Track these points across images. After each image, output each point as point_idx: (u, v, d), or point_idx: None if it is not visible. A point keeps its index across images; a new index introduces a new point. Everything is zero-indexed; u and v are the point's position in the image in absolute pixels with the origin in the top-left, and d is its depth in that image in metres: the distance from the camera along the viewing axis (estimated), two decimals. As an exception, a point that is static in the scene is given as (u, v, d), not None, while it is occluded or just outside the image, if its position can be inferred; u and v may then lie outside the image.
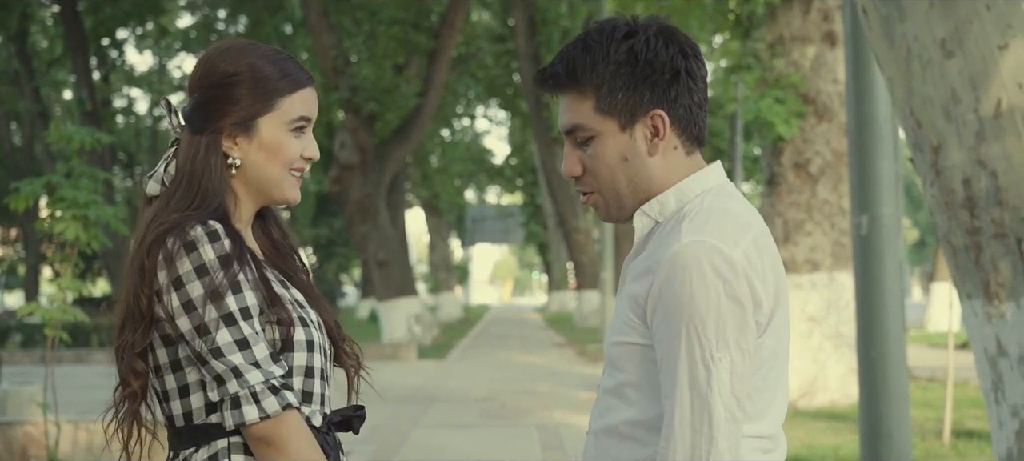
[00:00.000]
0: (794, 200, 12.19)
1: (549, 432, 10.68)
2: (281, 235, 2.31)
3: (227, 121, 2.15)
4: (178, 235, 2.04)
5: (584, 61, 2.03)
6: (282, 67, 2.18)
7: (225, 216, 2.12)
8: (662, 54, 2.02)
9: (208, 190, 2.11)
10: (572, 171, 2.09)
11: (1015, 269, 4.30)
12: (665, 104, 2.03)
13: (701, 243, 1.92)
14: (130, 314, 2.08)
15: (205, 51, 2.22)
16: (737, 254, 1.92)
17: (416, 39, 22.52)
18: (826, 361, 12.06)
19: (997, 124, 4.26)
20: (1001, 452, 4.52)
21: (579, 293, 32.09)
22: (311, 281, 2.31)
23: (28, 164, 31.12)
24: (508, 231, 58.87)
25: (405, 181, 33.00)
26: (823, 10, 12.30)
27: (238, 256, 2.05)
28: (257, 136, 2.16)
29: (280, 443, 2.02)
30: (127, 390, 2.13)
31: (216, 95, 2.15)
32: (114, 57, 33.16)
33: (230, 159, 2.16)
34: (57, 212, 7.46)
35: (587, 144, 2.06)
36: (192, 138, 2.15)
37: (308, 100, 2.19)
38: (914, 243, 58.33)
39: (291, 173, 2.19)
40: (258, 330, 2.04)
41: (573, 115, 2.06)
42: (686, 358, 1.91)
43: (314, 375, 2.14)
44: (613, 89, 2.02)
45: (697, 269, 1.90)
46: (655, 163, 2.05)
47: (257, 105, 2.15)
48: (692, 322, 1.90)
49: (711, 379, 1.89)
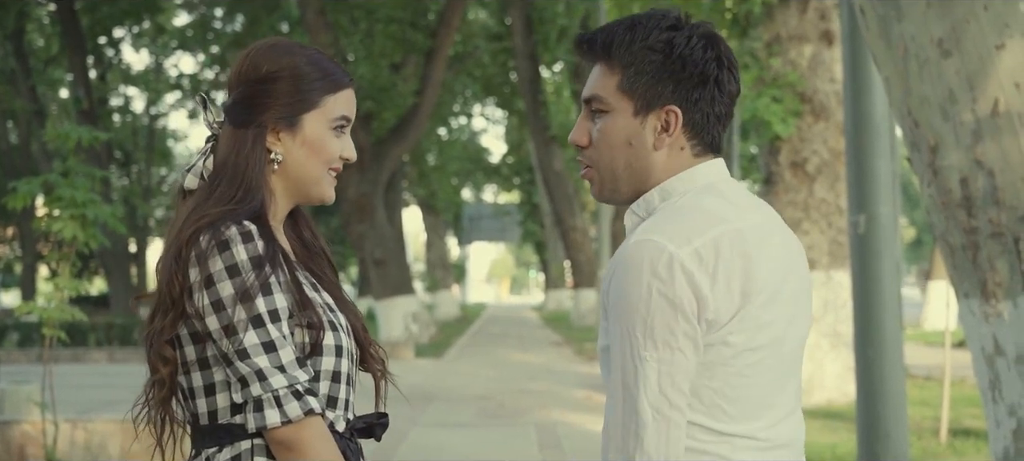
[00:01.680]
0: (791, 199, 12.20)
1: (546, 431, 10.68)
2: (312, 236, 2.31)
3: (271, 115, 2.15)
4: (213, 233, 2.04)
5: (623, 37, 2.04)
6: (324, 67, 2.19)
7: (263, 213, 2.12)
8: (698, 55, 2.02)
9: (252, 184, 2.12)
10: (578, 139, 2.10)
11: (1012, 268, 4.31)
12: (684, 103, 2.03)
13: (645, 242, 1.93)
14: (161, 301, 2.08)
15: (248, 47, 2.22)
16: (684, 252, 1.91)
17: (413, 38, 22.52)
18: (823, 359, 12.08)
19: (994, 124, 4.27)
20: (998, 451, 4.53)
21: (576, 292, 32.09)
22: (339, 283, 2.31)
23: (25, 163, 31.07)
24: (505, 230, 58.90)
25: (402, 180, 33.00)
26: (820, 9, 12.30)
27: (271, 258, 2.06)
28: (301, 132, 2.16)
29: (301, 448, 2.02)
30: (155, 376, 2.13)
31: (260, 89, 2.16)
32: (111, 56, 33.17)
33: (272, 154, 2.16)
34: (54, 211, 7.45)
35: (599, 118, 2.07)
36: (235, 132, 2.15)
37: (349, 100, 2.22)
38: (911, 242, 58.36)
39: (329, 171, 2.20)
40: (286, 334, 2.04)
41: (597, 86, 2.07)
42: (619, 356, 1.93)
43: (341, 380, 2.14)
44: (640, 72, 2.03)
45: (634, 268, 1.92)
46: (657, 157, 2.05)
47: (302, 101, 2.16)
48: (625, 320, 1.92)
49: (638, 377, 1.91)
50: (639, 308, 1.91)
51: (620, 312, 1.93)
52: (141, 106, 37.83)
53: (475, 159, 46.32)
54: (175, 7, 33.29)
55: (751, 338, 1.97)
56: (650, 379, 1.91)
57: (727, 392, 1.97)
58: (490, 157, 47.95)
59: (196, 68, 35.16)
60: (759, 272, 1.98)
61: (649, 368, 1.91)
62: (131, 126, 36.34)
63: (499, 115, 44.76)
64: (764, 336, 1.99)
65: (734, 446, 1.98)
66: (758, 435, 2.00)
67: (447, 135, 41.04)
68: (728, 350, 1.96)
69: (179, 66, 39.30)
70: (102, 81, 32.38)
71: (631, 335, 1.92)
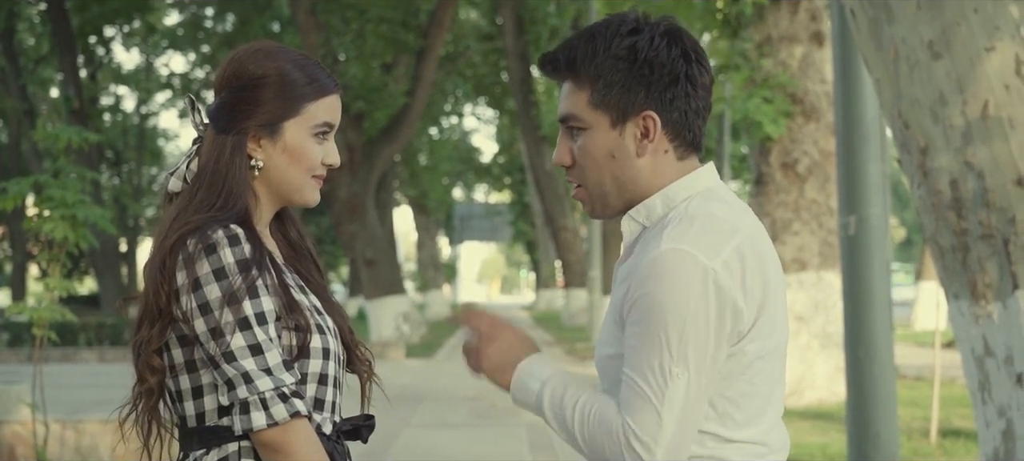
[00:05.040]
0: (782, 200, 12.22)
1: (538, 432, 10.68)
2: (298, 237, 2.31)
3: (252, 122, 2.14)
4: (199, 237, 2.04)
5: (585, 51, 2.02)
6: (310, 72, 2.18)
7: (247, 218, 2.12)
8: (663, 55, 2.00)
9: (231, 190, 2.11)
10: (561, 160, 2.08)
11: (1002, 270, 4.33)
12: (659, 106, 2.01)
13: (678, 251, 1.91)
14: (148, 311, 2.08)
15: (234, 51, 2.22)
16: (717, 264, 1.91)
17: (404, 38, 22.50)
18: (814, 360, 12.10)
19: (984, 126, 4.28)
20: (988, 452, 4.54)
21: (567, 292, 32.09)
22: (326, 284, 2.32)
23: (15, 163, 31.00)
24: (496, 229, 58.87)
25: (393, 179, 32.97)
26: (811, 10, 12.32)
27: (257, 261, 2.06)
28: (281, 139, 2.16)
29: (287, 450, 2.03)
30: (143, 386, 2.13)
31: (243, 96, 2.15)
32: (101, 55, 33.10)
33: (253, 160, 2.16)
34: (45, 211, 7.43)
35: (578, 135, 2.05)
36: (217, 137, 2.15)
37: (333, 107, 2.20)
38: (901, 242, 58.47)
39: (312, 178, 2.19)
40: (273, 336, 2.04)
41: (568, 104, 2.05)
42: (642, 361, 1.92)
43: (327, 382, 2.15)
44: (609, 84, 2.00)
45: (670, 277, 1.90)
46: (642, 164, 2.03)
47: (283, 108, 2.15)
48: (658, 328, 1.90)
49: (665, 392, 1.90)
50: (676, 322, 1.89)
51: (650, 319, 1.91)
52: (132, 105, 37.77)
53: (466, 159, 46.29)
54: (166, 6, 33.22)
55: (763, 345, 1.98)
56: (677, 396, 1.90)
57: (738, 400, 1.97)
58: (481, 157, 47.93)
59: (187, 67, 35.14)
60: (770, 279, 1.99)
61: (678, 385, 1.90)
62: (122, 125, 36.28)
63: (490, 115, 44.78)
64: (772, 342, 2.00)
65: (739, 451, 1.98)
66: (759, 440, 2.01)
67: (438, 135, 41.00)
68: (745, 359, 1.97)
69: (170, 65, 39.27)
70: (92, 80, 32.30)
71: (664, 346, 1.90)
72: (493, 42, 30.09)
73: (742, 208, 2.04)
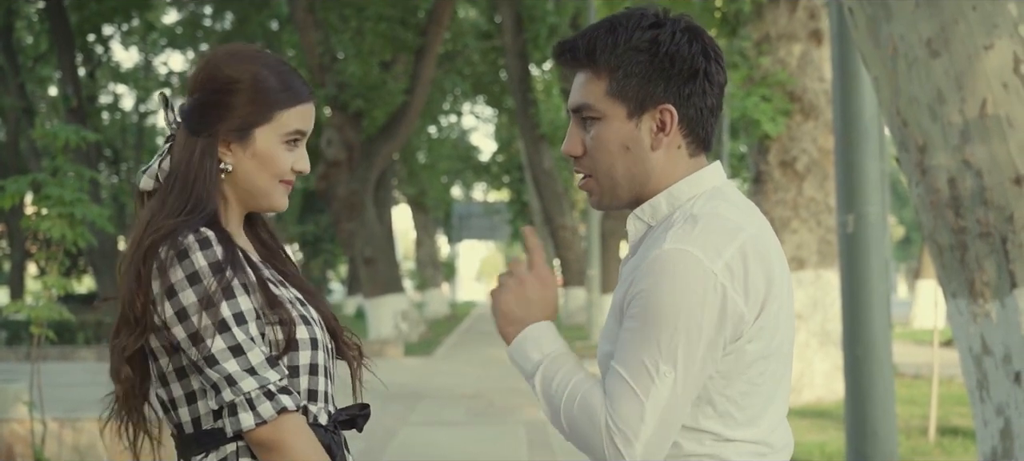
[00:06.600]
0: (780, 198, 12.22)
1: (536, 430, 10.68)
2: (269, 236, 2.31)
3: (224, 126, 2.14)
4: (171, 244, 2.03)
5: (606, 41, 2.01)
6: (285, 79, 2.17)
7: (216, 220, 2.11)
8: (684, 50, 1.99)
9: (202, 194, 2.11)
10: (572, 149, 2.07)
11: (999, 268, 4.32)
12: (677, 100, 2.00)
13: (680, 251, 1.91)
14: (124, 318, 2.08)
15: (210, 51, 2.21)
16: (718, 266, 1.91)
17: (403, 36, 22.49)
18: (812, 358, 12.10)
19: (982, 124, 4.28)
20: (986, 450, 4.54)
21: (565, 290, 32.07)
22: (302, 276, 2.31)
23: (13, 161, 30.96)
24: (495, 228, 58.79)
25: (392, 178, 32.96)
26: (809, 8, 12.32)
27: (231, 262, 2.05)
28: (252, 145, 2.15)
29: (281, 447, 2.02)
30: (115, 390, 2.15)
31: (216, 99, 2.14)
32: (100, 53, 33.05)
33: (222, 163, 2.15)
34: (43, 210, 7.43)
35: (591, 125, 2.04)
36: (188, 139, 2.14)
37: (305, 115, 2.19)
38: (900, 240, 58.47)
39: (281, 183, 2.19)
40: (253, 335, 2.04)
41: (584, 94, 2.04)
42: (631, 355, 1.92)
43: (318, 372, 2.14)
44: (628, 75, 1.99)
45: (670, 276, 1.90)
46: (656, 158, 2.02)
47: (255, 114, 2.14)
48: (651, 325, 1.91)
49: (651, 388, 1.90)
50: (670, 321, 1.90)
51: (648, 317, 1.91)
52: (130, 104, 37.78)
53: (465, 157, 46.26)
54: (164, 4, 33.21)
55: (766, 346, 1.98)
56: (662, 394, 1.90)
57: (739, 399, 1.97)
58: (480, 155, 47.91)
59: (185, 66, 35.10)
60: (774, 279, 1.98)
61: (664, 383, 1.90)
62: (120, 124, 36.25)
63: (489, 113, 44.76)
64: (775, 342, 2.00)
65: (738, 451, 1.98)
66: (760, 439, 2.00)
67: (437, 133, 41.00)
68: (745, 358, 1.96)
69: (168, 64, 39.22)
70: (91, 79, 32.26)
71: (656, 343, 1.90)
72: (492, 40, 30.07)
73: (748, 207, 2.04)
